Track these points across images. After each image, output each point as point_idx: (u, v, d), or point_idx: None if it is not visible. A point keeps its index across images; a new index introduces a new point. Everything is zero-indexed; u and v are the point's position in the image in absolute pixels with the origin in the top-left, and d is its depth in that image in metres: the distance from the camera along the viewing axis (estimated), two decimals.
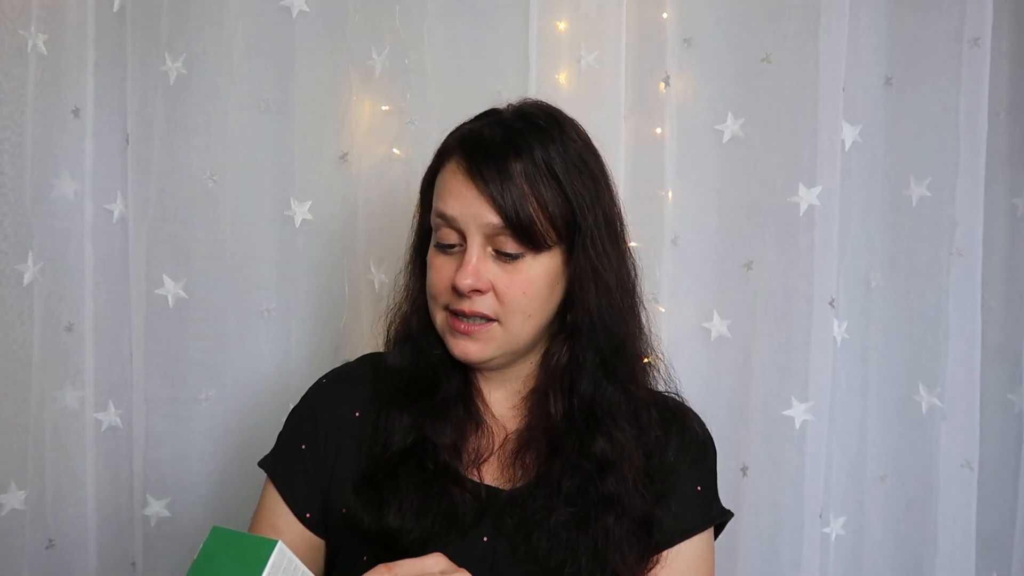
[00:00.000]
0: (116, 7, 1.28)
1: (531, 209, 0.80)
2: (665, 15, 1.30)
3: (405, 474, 0.84)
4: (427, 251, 0.88)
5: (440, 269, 0.85)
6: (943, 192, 1.29)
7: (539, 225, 0.81)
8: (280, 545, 0.58)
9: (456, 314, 0.84)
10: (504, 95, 0.89)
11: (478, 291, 0.82)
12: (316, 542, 0.90)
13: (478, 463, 0.87)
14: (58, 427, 1.28)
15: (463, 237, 0.83)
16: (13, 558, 1.23)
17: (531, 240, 0.81)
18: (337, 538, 0.89)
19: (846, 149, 1.28)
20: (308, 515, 0.89)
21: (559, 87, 1.29)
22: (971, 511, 1.31)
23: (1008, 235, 1.37)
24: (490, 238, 0.82)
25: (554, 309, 0.86)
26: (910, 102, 1.31)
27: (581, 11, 1.29)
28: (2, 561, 1.22)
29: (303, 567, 0.61)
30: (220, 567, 0.56)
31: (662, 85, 1.30)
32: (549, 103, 0.91)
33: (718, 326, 1.32)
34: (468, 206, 0.81)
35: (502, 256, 0.82)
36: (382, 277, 1.33)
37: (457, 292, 0.82)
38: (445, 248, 0.85)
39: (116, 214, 1.31)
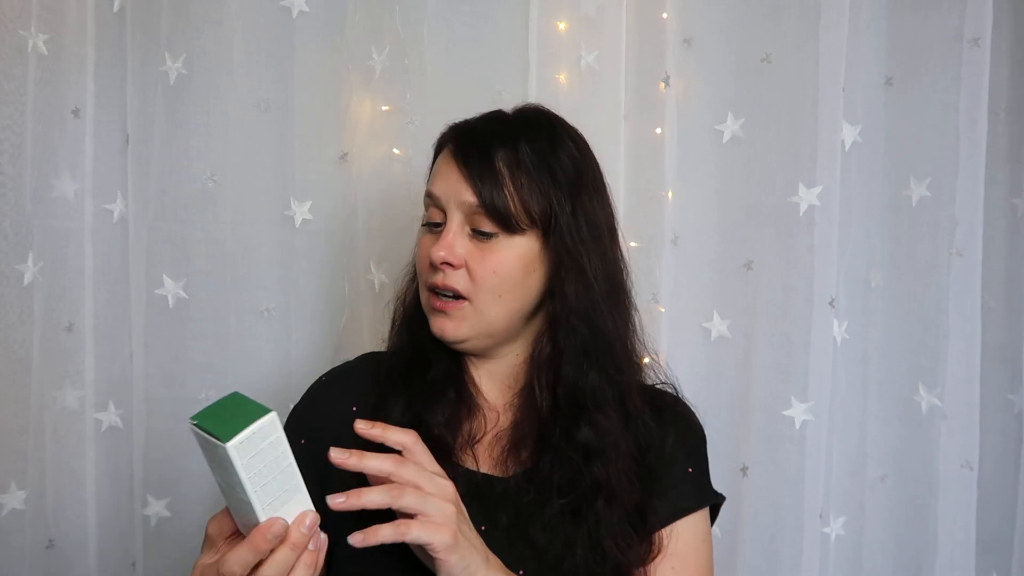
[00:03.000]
0: (116, 7, 1.29)
1: (506, 193, 0.84)
2: (665, 15, 1.30)
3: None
4: None
5: (424, 247, 0.90)
6: (943, 192, 1.29)
7: (512, 208, 0.85)
8: (273, 415, 0.64)
9: (433, 291, 0.88)
10: (504, 95, 0.90)
11: (449, 264, 0.85)
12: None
13: (471, 444, 0.88)
14: (58, 427, 1.28)
15: (446, 216, 0.87)
16: (13, 558, 1.23)
17: (504, 221, 0.85)
18: (334, 531, 0.89)
19: (846, 149, 1.28)
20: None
21: (559, 87, 1.29)
22: (971, 511, 1.31)
23: (1008, 235, 1.37)
24: (468, 217, 0.86)
25: (532, 297, 0.88)
26: (910, 102, 1.31)
27: (581, 11, 1.29)
28: (2, 561, 1.22)
29: (287, 449, 0.66)
30: (221, 416, 0.64)
31: (662, 85, 1.30)
32: (551, 109, 0.94)
33: (718, 326, 1.33)
34: (450, 185, 0.86)
35: (477, 234, 0.86)
36: (382, 277, 1.33)
37: (432, 266, 0.86)
38: (431, 227, 0.89)
39: (116, 214, 1.31)
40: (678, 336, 1.32)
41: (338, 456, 0.69)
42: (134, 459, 1.33)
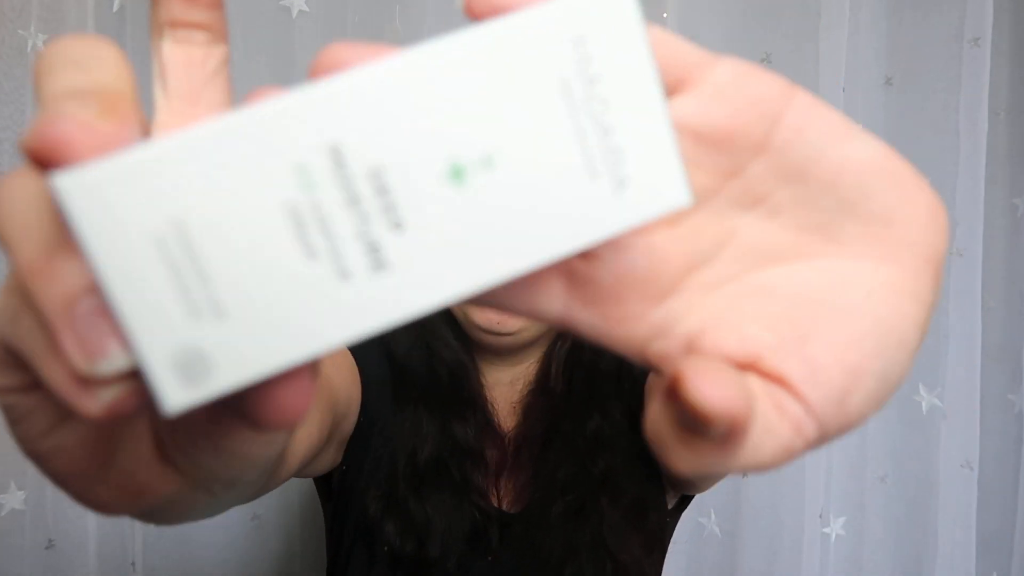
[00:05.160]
0: (116, 7, 1.28)
1: None
2: (665, 15, 1.30)
3: (429, 484, 0.79)
4: None
5: None
6: (943, 192, 1.29)
7: None
8: None
9: None
10: None
11: None
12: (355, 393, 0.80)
13: (498, 473, 0.83)
14: None
15: None
16: (13, 558, 1.23)
17: None
18: (344, 500, 0.83)
19: None
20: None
21: None
22: (971, 511, 1.31)
23: (1008, 235, 1.37)
24: None
25: None
26: (910, 102, 1.31)
27: None
28: (2, 561, 1.22)
29: None
30: None
31: None
32: None
33: None
34: None
35: None
36: None
37: None
38: None
39: None
40: None
41: None
42: None
